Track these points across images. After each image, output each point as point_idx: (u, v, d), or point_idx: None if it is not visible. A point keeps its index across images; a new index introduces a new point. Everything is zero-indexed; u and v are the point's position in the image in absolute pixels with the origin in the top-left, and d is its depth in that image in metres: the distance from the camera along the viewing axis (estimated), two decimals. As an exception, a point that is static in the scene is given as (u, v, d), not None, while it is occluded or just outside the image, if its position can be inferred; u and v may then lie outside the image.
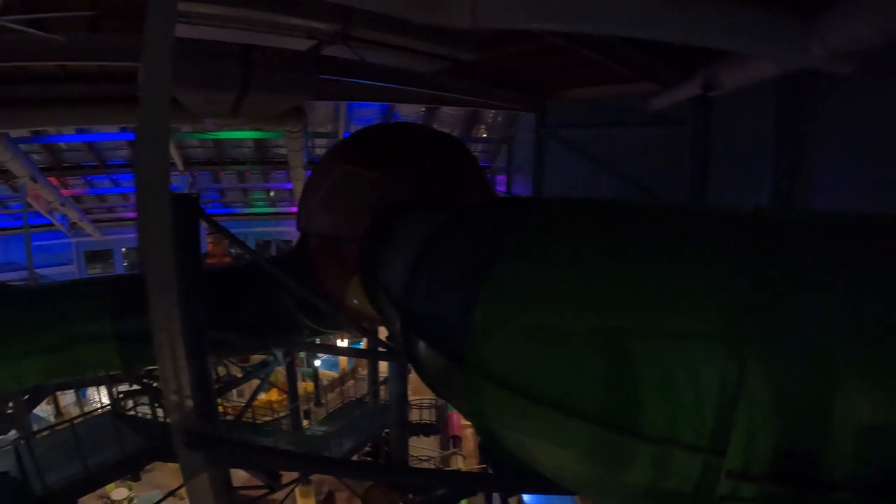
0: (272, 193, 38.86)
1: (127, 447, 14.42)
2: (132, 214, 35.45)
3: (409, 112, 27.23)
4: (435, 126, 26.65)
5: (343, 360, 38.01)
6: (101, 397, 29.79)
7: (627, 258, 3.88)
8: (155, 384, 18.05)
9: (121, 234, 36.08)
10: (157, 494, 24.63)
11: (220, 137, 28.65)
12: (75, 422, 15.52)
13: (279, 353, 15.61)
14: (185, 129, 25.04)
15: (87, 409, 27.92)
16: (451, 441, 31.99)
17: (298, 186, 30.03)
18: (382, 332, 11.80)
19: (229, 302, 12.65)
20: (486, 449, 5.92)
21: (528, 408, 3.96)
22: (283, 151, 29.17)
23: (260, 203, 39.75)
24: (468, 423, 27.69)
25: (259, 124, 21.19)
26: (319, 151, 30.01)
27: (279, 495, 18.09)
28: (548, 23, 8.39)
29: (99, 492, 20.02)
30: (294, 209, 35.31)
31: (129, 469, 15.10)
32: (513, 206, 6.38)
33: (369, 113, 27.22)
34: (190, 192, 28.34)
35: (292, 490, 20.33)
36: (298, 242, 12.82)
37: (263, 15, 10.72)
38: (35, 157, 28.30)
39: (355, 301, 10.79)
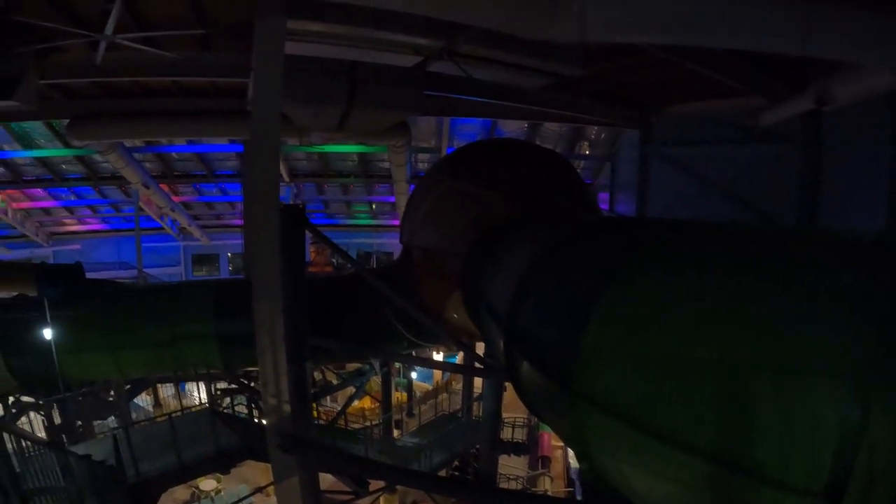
0: (374, 206, 39.41)
1: (222, 444, 14.83)
2: (238, 221, 36.70)
3: (511, 128, 26.95)
4: (538, 142, 26.34)
5: (437, 373, 38.02)
6: (199, 392, 30.70)
7: (749, 286, 3.69)
8: (252, 384, 18.59)
9: (226, 239, 37.49)
10: (245, 489, 25.18)
11: (326, 151, 29.34)
12: (174, 415, 16.14)
13: (376, 363, 15.78)
14: (291, 142, 25.76)
15: (185, 402, 28.96)
16: (539, 461, 31.53)
17: (401, 200, 30.35)
18: (479, 347, 11.77)
19: (331, 310, 12.88)
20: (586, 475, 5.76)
21: (635, 437, 3.80)
22: (387, 165, 29.55)
23: (362, 215, 40.33)
24: (559, 443, 27.31)
25: (364, 138, 21.51)
26: (422, 166, 30.37)
27: (364, 501, 18.28)
28: (659, 36, 8.18)
29: (189, 482, 20.73)
30: (396, 222, 35.73)
31: (221, 465, 15.52)
32: (627, 227, 6.23)
33: (472, 129, 27.14)
34: (296, 203, 29.18)
35: (377, 498, 20.45)
36: (401, 255, 12.95)
37: (370, 32, 10.88)
38: (148, 165, 29.78)
39: (455, 315, 10.79)
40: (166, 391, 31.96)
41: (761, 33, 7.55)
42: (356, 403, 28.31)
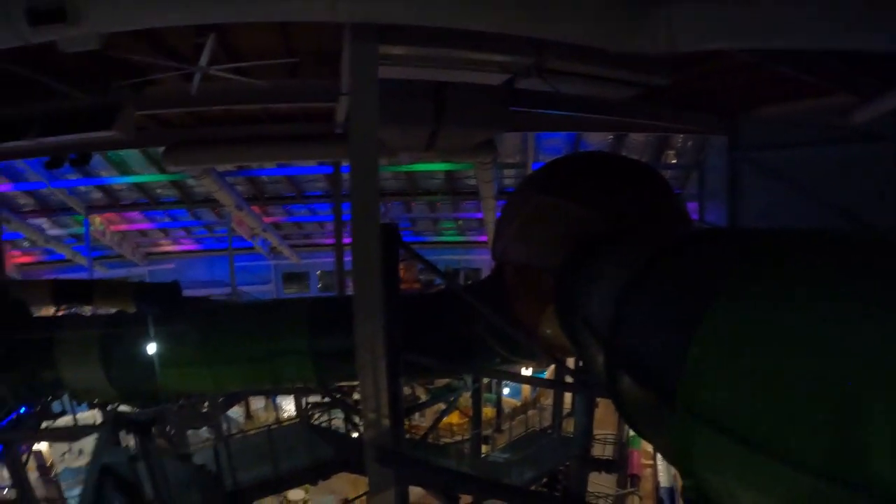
0: (461, 223, 39.50)
1: (317, 455, 15.13)
2: (327, 240, 37.43)
3: (596, 140, 26.74)
4: (623, 153, 26.07)
5: (526, 389, 37.80)
6: (290, 405, 31.30)
7: (862, 300, 3.57)
8: (343, 398, 18.90)
9: (315, 258, 38.37)
10: (332, 500, 25.46)
11: (413, 170, 29.79)
12: (271, 428, 16.60)
13: (468, 379, 15.87)
14: (381, 163, 26.25)
15: (276, 415, 29.67)
16: (629, 480, 30.95)
17: (488, 216, 30.52)
18: (569, 364, 11.71)
19: (423, 327, 13.00)
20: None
21: (743, 455, 3.70)
22: (473, 182, 29.79)
23: (449, 232, 40.46)
24: (649, 462, 26.74)
25: (452, 157, 21.73)
26: (509, 182, 30.32)
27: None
28: (749, 41, 7.98)
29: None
30: (483, 238, 35.92)
31: (315, 476, 15.90)
32: (726, 238, 6.12)
33: (557, 143, 27.00)
34: (389, 222, 29.65)
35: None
36: (493, 272, 12.93)
37: (459, 53, 11.05)
38: (239, 188, 30.89)
39: (548, 331, 10.72)
40: (257, 403, 32.84)
41: (856, 31, 7.29)
42: (444, 419, 28.46)
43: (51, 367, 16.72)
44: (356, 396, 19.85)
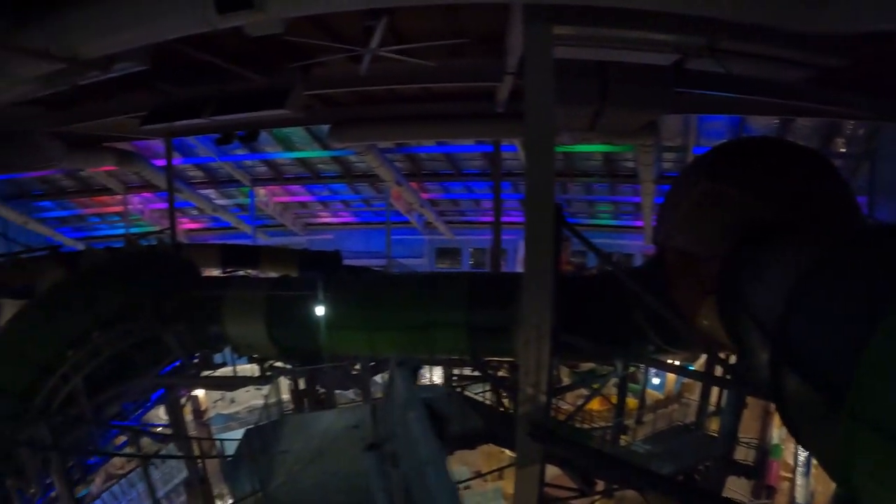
0: (616, 206, 38.70)
1: (468, 425, 15.29)
2: (482, 218, 37.93)
3: (761, 124, 25.29)
4: (789, 139, 24.43)
5: (670, 383, 36.84)
6: (432, 375, 31.76)
7: None
8: (493, 372, 19.15)
9: (469, 234, 39.03)
10: (465, 471, 25.63)
11: (571, 150, 29.52)
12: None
13: (619, 365, 15.70)
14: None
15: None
16: (764, 491, 29.43)
17: (646, 200, 29.92)
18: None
19: (580, 309, 13.02)
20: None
21: None
22: (631, 165, 29.23)
23: (604, 215, 39.82)
24: (788, 474, 25.22)
25: (614, 138, 21.42)
26: (668, 165, 29.46)
27: (581, 502, 18.03)
28: None
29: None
30: (638, 223, 35.12)
31: (464, 445, 16.06)
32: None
33: (719, 126, 25.72)
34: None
35: (594, 501, 19.99)
36: (654, 257, 12.76)
37: (631, 33, 10.93)
38: (399, 164, 31.80)
39: (705, 322, 10.41)
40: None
41: None
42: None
43: (217, 323, 18.25)
44: (501, 373, 20.19)
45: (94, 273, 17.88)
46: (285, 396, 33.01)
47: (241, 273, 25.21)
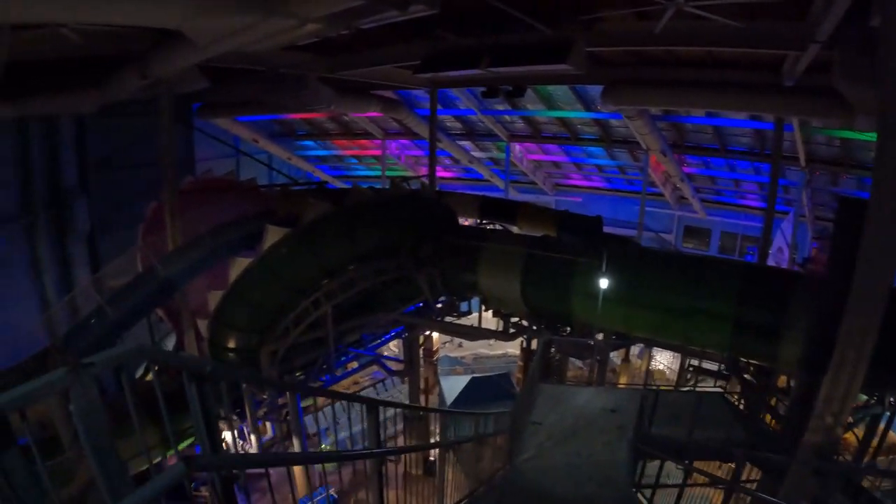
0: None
1: (731, 434, 13.18)
2: (740, 201, 35.40)
3: None
4: None
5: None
6: (664, 364, 30.16)
7: None
8: (746, 376, 17.43)
9: (722, 216, 36.34)
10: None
11: (855, 137, 25.90)
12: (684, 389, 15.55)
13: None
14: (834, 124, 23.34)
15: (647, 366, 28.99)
16: None
17: None
18: None
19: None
20: None
21: None
22: None
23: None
24: None
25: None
26: None
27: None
28: None
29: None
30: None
31: (719, 455, 13.85)
32: None
33: None
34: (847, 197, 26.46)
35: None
36: None
37: None
38: (664, 133, 29.87)
39: None
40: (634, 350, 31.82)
41: None
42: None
43: (472, 272, 18.36)
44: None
45: (359, 210, 18.45)
46: (512, 351, 33.40)
47: (496, 226, 25.20)
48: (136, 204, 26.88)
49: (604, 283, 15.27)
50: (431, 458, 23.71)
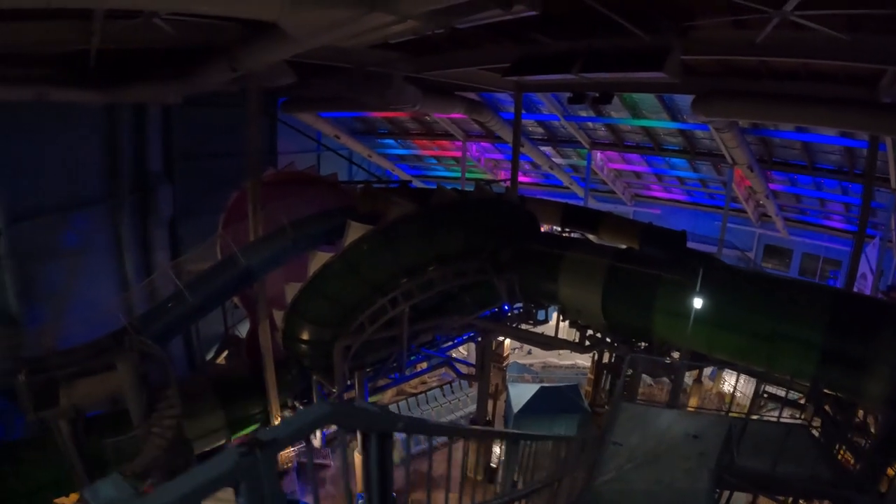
0: None
1: (816, 471, 12.03)
2: (825, 222, 34.16)
3: None
4: None
5: None
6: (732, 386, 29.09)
7: None
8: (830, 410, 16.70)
9: (805, 237, 35.08)
10: None
11: None
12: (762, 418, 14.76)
13: None
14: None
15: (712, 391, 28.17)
16: None
17: None
18: None
19: None
20: None
21: None
22: None
23: None
24: None
25: None
26: None
27: None
28: None
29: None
30: None
31: (805, 493, 12.63)
32: None
33: None
34: None
35: None
36: None
37: None
38: (752, 147, 28.92)
39: None
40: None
41: None
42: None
43: (552, 280, 18.17)
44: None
45: (443, 211, 18.40)
46: (581, 362, 32.99)
47: (571, 234, 24.85)
48: (217, 192, 27.48)
49: (697, 302, 14.88)
50: (493, 465, 23.63)
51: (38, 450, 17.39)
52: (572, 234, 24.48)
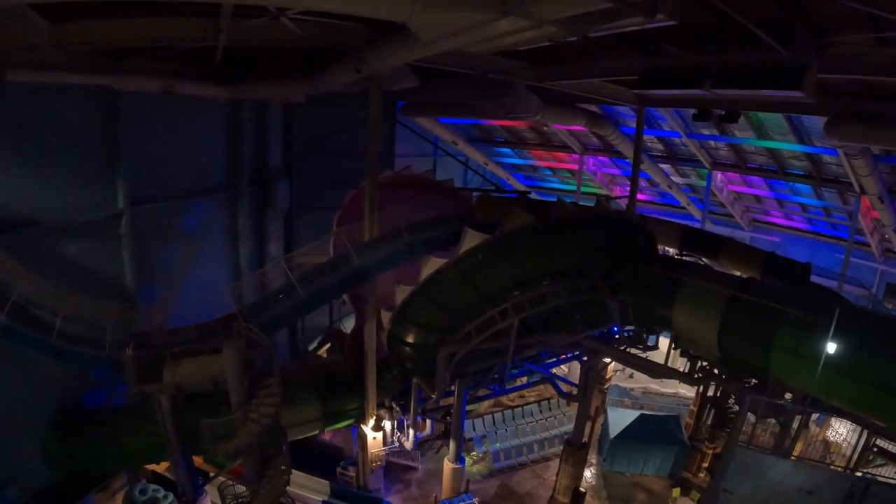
0: None
1: None
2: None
3: None
4: None
5: None
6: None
7: None
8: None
9: (933, 277, 32.95)
10: None
11: None
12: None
13: None
14: None
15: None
16: None
17: None
18: None
19: None
20: None
21: None
22: None
23: None
24: None
25: None
26: None
27: None
28: None
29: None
30: None
31: None
32: None
33: None
34: None
35: None
36: None
37: None
38: (885, 175, 27.27)
39: None
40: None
41: None
42: None
43: (668, 306, 17.32)
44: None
45: (562, 225, 18.15)
46: (684, 392, 31.91)
47: (694, 260, 23.94)
48: (333, 190, 28.03)
49: (828, 346, 13.65)
50: (582, 489, 23.12)
51: (136, 419, 18.83)
52: (685, 257, 23.65)
